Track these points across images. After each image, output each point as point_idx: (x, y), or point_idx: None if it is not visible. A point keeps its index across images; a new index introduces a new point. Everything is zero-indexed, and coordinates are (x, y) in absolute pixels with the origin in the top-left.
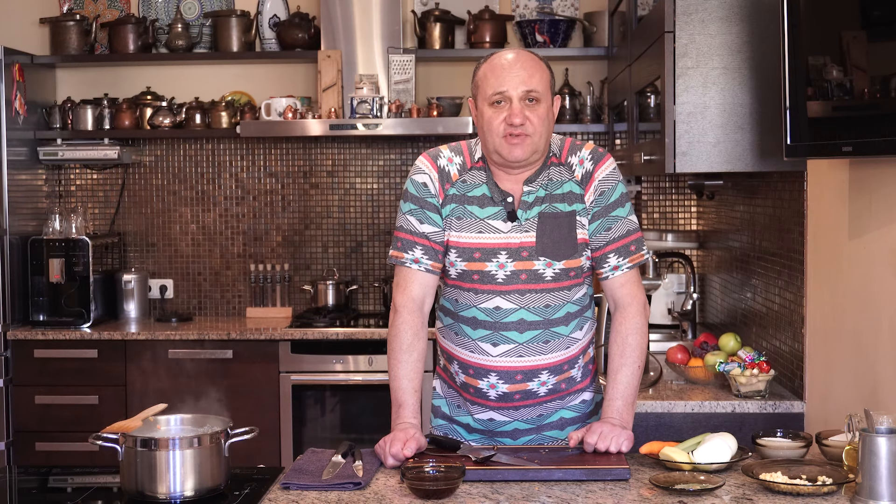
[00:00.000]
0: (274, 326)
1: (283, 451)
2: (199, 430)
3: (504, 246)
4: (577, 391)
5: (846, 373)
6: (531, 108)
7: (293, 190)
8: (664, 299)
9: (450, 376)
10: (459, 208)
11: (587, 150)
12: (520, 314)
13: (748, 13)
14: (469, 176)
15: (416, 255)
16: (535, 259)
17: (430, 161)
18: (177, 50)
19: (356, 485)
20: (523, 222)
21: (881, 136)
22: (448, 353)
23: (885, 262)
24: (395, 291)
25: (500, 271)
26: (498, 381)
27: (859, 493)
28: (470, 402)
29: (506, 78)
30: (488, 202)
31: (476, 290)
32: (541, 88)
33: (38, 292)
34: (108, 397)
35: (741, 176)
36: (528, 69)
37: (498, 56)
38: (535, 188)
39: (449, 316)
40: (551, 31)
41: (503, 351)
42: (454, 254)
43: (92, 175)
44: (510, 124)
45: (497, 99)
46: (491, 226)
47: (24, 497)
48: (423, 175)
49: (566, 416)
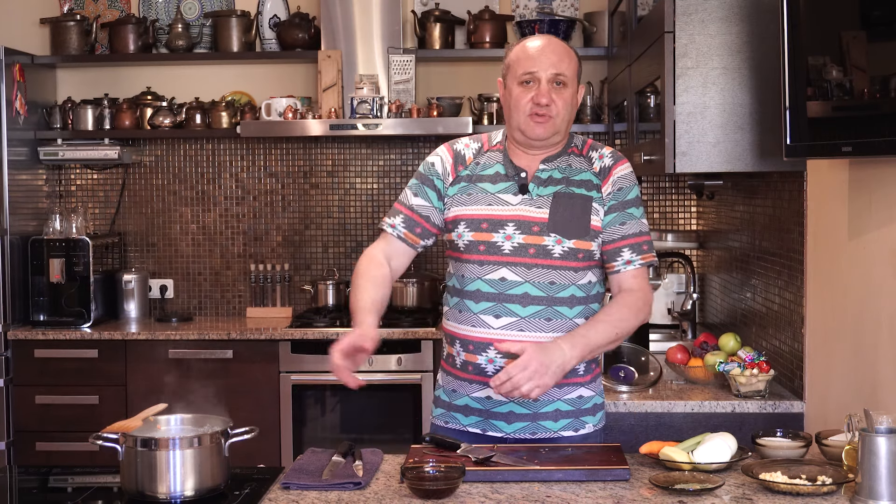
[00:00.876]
0: (274, 326)
1: (283, 451)
2: (199, 430)
3: (512, 218)
4: (576, 384)
5: (846, 373)
6: (558, 91)
7: (293, 190)
8: (664, 299)
9: (451, 363)
10: (470, 186)
11: (608, 150)
12: (525, 287)
13: (748, 13)
14: (484, 158)
15: (394, 221)
16: (545, 235)
17: (447, 147)
18: (177, 50)
19: (356, 485)
20: (534, 197)
21: (881, 136)
22: (451, 333)
23: (885, 262)
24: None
25: (506, 242)
26: (496, 356)
27: (859, 493)
28: (468, 382)
29: (537, 60)
30: (501, 178)
31: (482, 262)
32: (569, 74)
33: (38, 292)
34: (108, 397)
35: (741, 176)
36: (558, 54)
37: (530, 39)
38: (552, 168)
39: (454, 295)
40: (551, 32)
41: (505, 324)
42: (462, 225)
43: (92, 175)
44: (537, 103)
45: (527, 79)
46: (500, 199)
47: (24, 497)
48: (436, 156)
49: (562, 409)
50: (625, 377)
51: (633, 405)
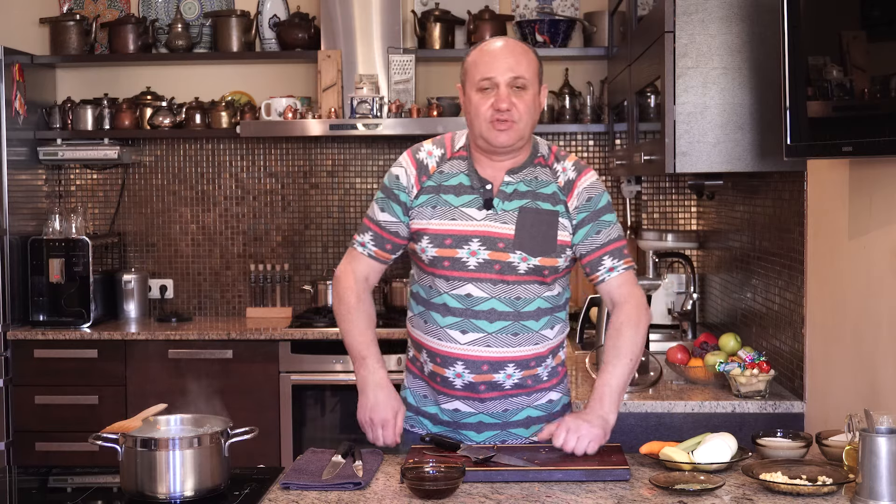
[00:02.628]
0: (274, 326)
1: (283, 451)
2: (199, 430)
3: (476, 233)
4: (543, 390)
5: (846, 373)
6: (518, 94)
7: (293, 190)
8: (664, 299)
9: (418, 367)
10: (434, 198)
11: (570, 161)
12: (491, 303)
13: (748, 13)
14: (447, 166)
15: (364, 239)
16: (511, 251)
17: (410, 156)
18: (177, 50)
19: (356, 485)
20: (498, 212)
21: (881, 136)
22: (417, 341)
23: (885, 262)
24: (340, 265)
25: (471, 258)
26: (464, 370)
27: (859, 493)
28: (437, 392)
29: (494, 64)
30: (465, 190)
31: (447, 278)
32: (528, 75)
33: (38, 292)
34: (108, 397)
35: (741, 176)
36: (516, 56)
37: (487, 43)
38: (517, 181)
39: (420, 304)
40: (551, 31)
41: (471, 339)
42: (426, 240)
43: (92, 175)
44: (497, 109)
45: (485, 85)
46: (464, 213)
47: (24, 497)
48: (399, 168)
49: (532, 415)
50: None
51: (633, 405)
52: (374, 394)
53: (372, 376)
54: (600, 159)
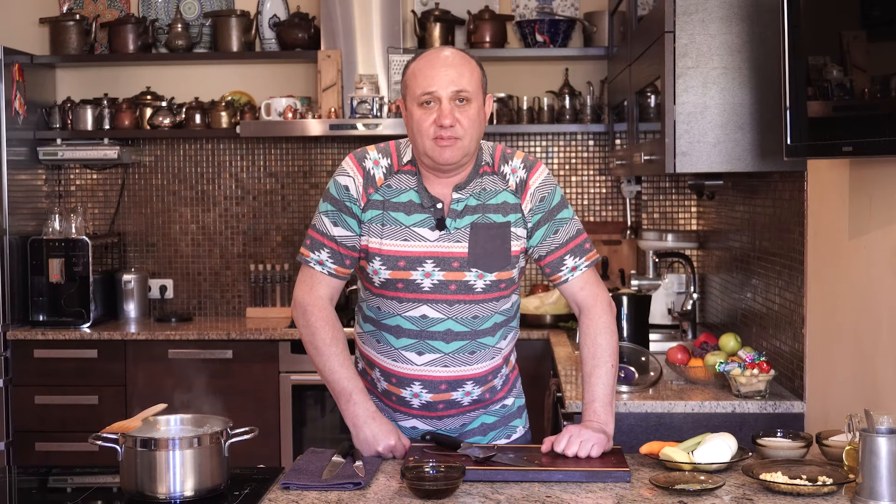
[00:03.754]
0: (274, 326)
1: (283, 451)
2: (199, 430)
3: (430, 255)
4: (498, 399)
5: (846, 373)
6: (461, 108)
7: (293, 190)
8: (664, 299)
9: (369, 382)
10: (383, 214)
11: (519, 160)
12: (447, 324)
13: (748, 13)
14: (395, 180)
15: (321, 256)
16: (466, 270)
17: (356, 163)
18: (177, 50)
19: (356, 485)
20: (452, 231)
21: (881, 136)
22: (369, 359)
23: (885, 262)
24: (300, 289)
25: (426, 280)
26: (422, 391)
27: (859, 494)
28: (392, 409)
29: (434, 78)
30: (416, 209)
31: (400, 299)
32: (471, 88)
33: (37, 292)
34: (108, 397)
35: (741, 176)
36: (457, 68)
37: (427, 55)
38: (465, 196)
39: (370, 323)
40: (551, 31)
41: (428, 360)
42: (378, 262)
43: (92, 175)
44: (440, 126)
45: (426, 99)
46: (417, 233)
47: (24, 497)
48: (347, 178)
49: (487, 422)
50: (625, 377)
51: (633, 405)
52: (370, 428)
53: (363, 410)
54: (600, 159)
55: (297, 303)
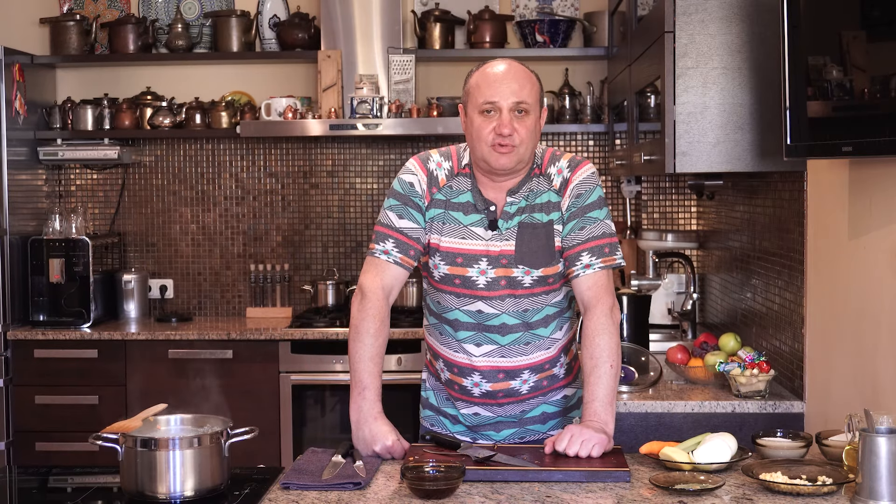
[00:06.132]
0: (274, 326)
1: (283, 451)
2: (199, 430)
3: (485, 253)
4: (558, 388)
5: (846, 373)
6: (520, 119)
7: (293, 190)
8: (664, 299)
9: (435, 371)
10: (445, 213)
11: (565, 160)
12: (502, 318)
13: (748, 13)
14: (455, 182)
15: (386, 246)
16: (513, 267)
17: (420, 164)
18: (177, 50)
19: (356, 485)
20: (503, 231)
21: (881, 136)
22: (433, 350)
23: (885, 262)
24: (365, 277)
25: (481, 277)
26: (481, 380)
27: (859, 493)
28: (455, 398)
29: (497, 89)
30: (472, 209)
31: (458, 294)
32: (530, 101)
33: (38, 292)
34: (108, 397)
35: (741, 176)
36: (519, 81)
37: (490, 66)
38: (518, 199)
39: (433, 315)
40: (551, 31)
41: (486, 351)
42: (438, 257)
43: (92, 175)
44: (499, 134)
45: (487, 108)
46: (473, 232)
47: (24, 497)
48: (412, 176)
49: (548, 411)
50: (625, 377)
51: (633, 405)
52: (369, 427)
53: (370, 410)
54: (600, 159)
55: (360, 287)
